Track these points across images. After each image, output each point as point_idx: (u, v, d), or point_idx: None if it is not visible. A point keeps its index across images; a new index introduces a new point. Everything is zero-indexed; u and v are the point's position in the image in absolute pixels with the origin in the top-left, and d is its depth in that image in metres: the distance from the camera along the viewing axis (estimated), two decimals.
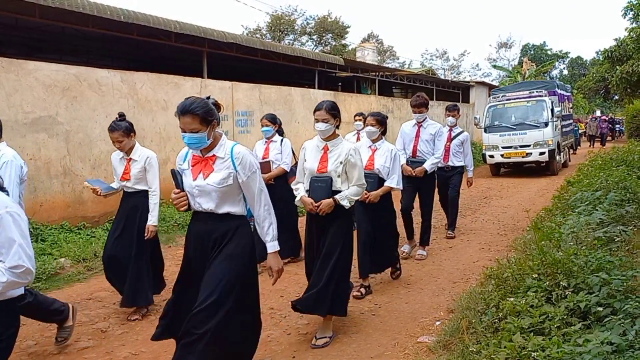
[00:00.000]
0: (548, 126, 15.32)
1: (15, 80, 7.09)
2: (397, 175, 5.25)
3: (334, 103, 4.20)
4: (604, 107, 48.99)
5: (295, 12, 43.52)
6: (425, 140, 6.52)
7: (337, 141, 4.20)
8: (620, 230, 4.95)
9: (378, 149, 5.33)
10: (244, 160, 3.07)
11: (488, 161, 16.48)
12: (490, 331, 3.41)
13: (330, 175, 4.13)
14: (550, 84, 18.19)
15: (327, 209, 4.06)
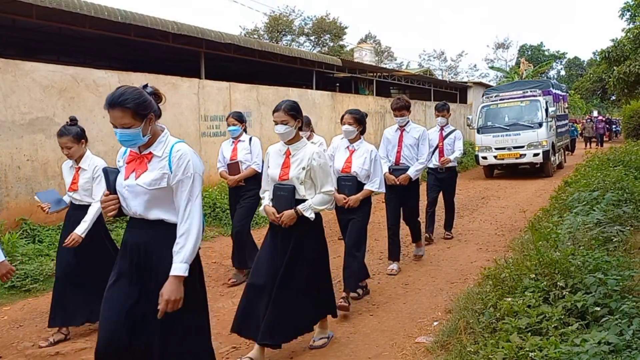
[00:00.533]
0: (542, 127, 14.97)
1: (12, 81, 7.07)
2: (379, 178, 4.90)
3: (295, 103, 3.86)
4: (601, 108, 49.08)
5: (293, 13, 43.68)
6: (409, 145, 6.08)
7: (300, 144, 3.85)
8: (617, 231, 4.96)
9: (356, 150, 4.94)
10: (181, 160, 2.65)
11: (481, 163, 16.03)
12: (488, 331, 3.41)
13: (293, 183, 3.77)
14: (544, 84, 17.81)
15: (288, 220, 3.72)
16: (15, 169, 7.06)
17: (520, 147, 15.07)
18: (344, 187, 4.84)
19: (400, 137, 6.12)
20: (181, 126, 9.64)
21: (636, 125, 24.43)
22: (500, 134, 15.38)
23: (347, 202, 4.76)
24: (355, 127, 4.92)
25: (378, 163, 4.93)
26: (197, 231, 2.62)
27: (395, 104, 6.07)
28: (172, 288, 2.52)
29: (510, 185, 14.12)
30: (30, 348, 4.16)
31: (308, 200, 3.78)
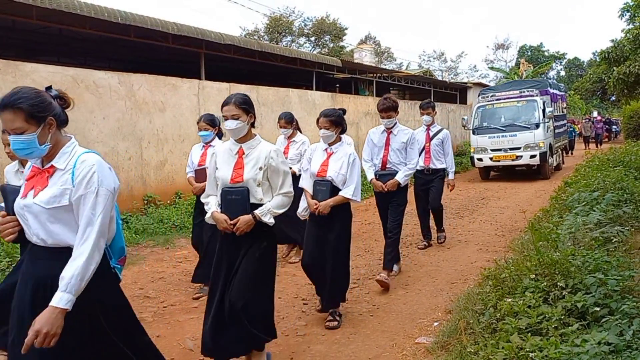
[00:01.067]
0: (539, 127, 14.58)
1: (13, 82, 7.07)
2: (354, 185, 4.45)
3: (246, 96, 3.52)
4: (601, 108, 49.10)
5: (293, 14, 43.66)
6: (396, 149, 5.60)
7: (254, 142, 3.51)
8: (617, 231, 4.96)
9: (334, 153, 4.54)
10: (84, 172, 2.23)
11: (476, 164, 15.63)
12: (488, 332, 3.42)
13: (247, 185, 3.39)
14: (542, 83, 17.37)
15: (246, 227, 3.32)
16: None
17: (516, 149, 14.74)
18: (318, 192, 4.46)
19: (387, 140, 5.65)
20: (181, 127, 9.64)
21: (636, 126, 24.44)
22: (496, 135, 15.03)
23: (317, 208, 4.36)
24: (333, 130, 4.50)
25: (356, 169, 4.50)
26: (90, 258, 2.17)
27: (382, 105, 5.57)
28: (48, 319, 2.08)
29: (510, 185, 14.12)
30: None
31: (266, 203, 3.40)
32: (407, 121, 17.86)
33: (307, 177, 4.64)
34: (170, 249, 7.46)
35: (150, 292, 5.59)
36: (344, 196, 4.42)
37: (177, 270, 6.41)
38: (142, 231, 7.95)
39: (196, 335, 4.31)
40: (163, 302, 5.24)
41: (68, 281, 2.12)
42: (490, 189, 13.61)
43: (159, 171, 9.12)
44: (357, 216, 9.92)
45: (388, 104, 5.53)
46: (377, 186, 5.56)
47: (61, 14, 8.14)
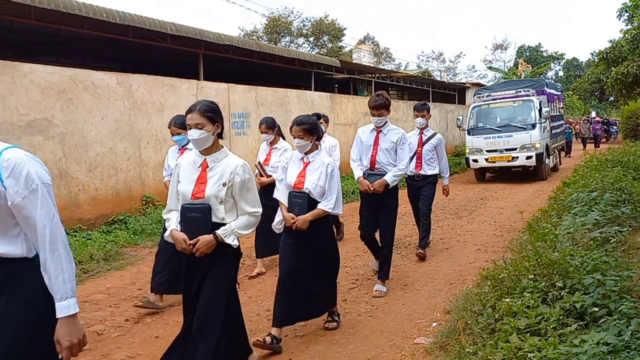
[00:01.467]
0: (535, 128, 14.32)
1: (11, 83, 7.07)
2: (334, 197, 4.13)
3: (213, 104, 3.20)
4: (599, 109, 49.18)
5: (292, 14, 43.67)
6: (385, 149, 5.29)
7: (220, 155, 3.19)
8: (616, 231, 4.96)
9: (311, 162, 4.21)
10: (16, 170, 1.95)
11: (472, 166, 15.32)
12: (487, 332, 3.42)
13: (209, 202, 3.09)
14: (538, 83, 17.00)
15: (206, 248, 3.05)
16: None
17: (512, 150, 14.47)
18: (294, 204, 4.13)
19: (376, 139, 5.34)
20: None
21: (634, 126, 24.49)
22: (492, 135, 14.76)
23: (295, 222, 4.04)
24: (308, 139, 4.17)
25: (335, 179, 4.19)
26: (68, 254, 2.03)
27: (374, 102, 5.23)
28: (68, 330, 2.02)
29: (508, 186, 14.13)
30: None
31: (230, 223, 3.11)
32: (406, 121, 17.87)
33: (282, 188, 4.30)
34: None
35: (149, 293, 5.57)
36: (323, 209, 4.11)
37: None
38: (141, 232, 7.94)
39: None
40: (161, 303, 5.23)
41: (65, 288, 2.01)
42: (489, 189, 13.62)
43: (158, 172, 9.11)
44: (355, 217, 9.91)
45: (380, 101, 5.21)
46: (364, 185, 5.24)
47: (59, 15, 8.13)
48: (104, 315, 4.89)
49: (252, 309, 4.96)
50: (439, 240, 7.71)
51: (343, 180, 13.79)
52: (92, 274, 6.26)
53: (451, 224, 8.93)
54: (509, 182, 14.91)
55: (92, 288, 5.78)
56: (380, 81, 19.24)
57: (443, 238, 7.86)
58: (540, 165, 14.54)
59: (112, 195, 8.33)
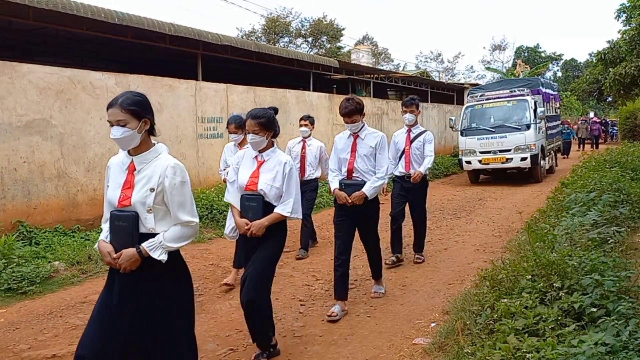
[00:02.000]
0: (530, 128, 13.92)
1: (9, 83, 7.06)
2: (292, 199, 3.69)
3: (139, 96, 2.77)
4: (597, 109, 49.24)
5: (290, 15, 43.69)
6: (363, 155, 4.85)
7: (149, 155, 2.74)
8: (614, 232, 4.97)
9: (266, 162, 3.76)
10: None
11: (465, 167, 14.95)
12: (485, 332, 3.42)
13: (135, 210, 2.67)
14: (533, 82, 16.53)
15: (128, 264, 2.62)
16: (11, 171, 7.04)
17: (506, 151, 14.06)
18: (247, 208, 3.71)
19: (354, 145, 4.88)
20: (178, 128, 9.64)
21: (632, 127, 24.53)
22: (485, 136, 14.35)
23: (250, 229, 3.62)
24: (263, 135, 3.72)
25: (293, 180, 3.74)
26: None
27: (344, 108, 4.73)
28: None
29: (506, 186, 14.14)
30: (26, 350, 4.14)
31: (159, 234, 2.67)
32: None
33: (233, 190, 3.85)
34: None
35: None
36: (280, 213, 3.67)
37: None
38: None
39: None
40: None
41: None
42: (487, 189, 13.64)
43: None
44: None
45: (351, 107, 4.72)
46: (340, 198, 4.78)
47: (58, 15, 8.12)
48: None
49: None
50: (438, 241, 7.71)
51: None
52: (90, 275, 6.25)
53: (449, 225, 8.94)
54: (507, 182, 14.89)
55: (91, 289, 5.77)
56: (379, 82, 19.24)
57: (441, 238, 7.86)
58: (536, 167, 14.22)
59: None
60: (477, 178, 15.48)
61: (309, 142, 7.11)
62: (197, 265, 6.67)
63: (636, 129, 24.15)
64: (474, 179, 15.37)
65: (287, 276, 6.09)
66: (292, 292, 5.47)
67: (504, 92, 15.39)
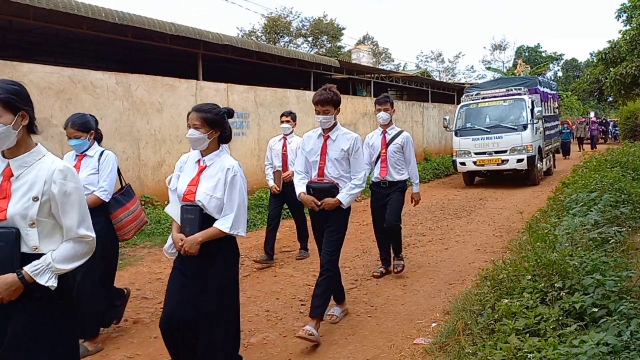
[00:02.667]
0: (527, 129, 13.45)
1: None
2: (234, 214, 3.03)
3: (14, 85, 2.21)
4: (598, 109, 49.24)
5: (291, 14, 43.71)
6: (334, 159, 4.30)
7: (31, 157, 2.23)
8: (615, 231, 4.96)
9: (208, 167, 3.15)
10: None
11: (459, 169, 14.45)
12: (486, 332, 3.42)
13: (14, 225, 2.15)
14: (531, 81, 15.85)
15: (6, 293, 2.10)
16: None
17: (502, 152, 13.56)
18: (186, 222, 3.12)
19: (324, 147, 4.33)
20: (179, 128, 9.63)
21: (633, 127, 24.51)
22: (481, 136, 13.85)
23: (182, 245, 3.04)
24: (205, 132, 3.10)
25: (237, 189, 3.08)
26: None
27: (318, 96, 4.21)
28: None
29: (507, 186, 14.12)
30: None
31: (46, 255, 2.18)
32: (405, 122, 17.88)
33: (174, 199, 3.25)
34: None
35: (148, 293, 5.58)
36: (219, 229, 3.03)
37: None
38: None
39: None
40: (160, 303, 5.21)
41: None
42: (488, 189, 13.63)
43: (157, 172, 9.11)
44: (354, 217, 9.92)
45: (326, 95, 4.19)
46: (308, 202, 4.32)
47: (58, 15, 8.12)
48: None
49: (251, 309, 4.96)
50: (438, 241, 7.71)
51: None
52: None
53: (450, 225, 8.93)
54: (504, 184, 14.77)
55: None
56: (379, 81, 19.23)
57: (442, 238, 7.86)
58: (532, 169, 13.67)
59: None
60: (472, 180, 15.04)
61: (290, 139, 6.70)
62: None
63: (637, 129, 24.12)
64: (469, 181, 14.90)
65: (287, 276, 6.09)
66: (292, 292, 5.46)
67: (500, 91, 14.86)
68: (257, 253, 7.18)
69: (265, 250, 6.68)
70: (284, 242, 7.93)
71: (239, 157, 11.04)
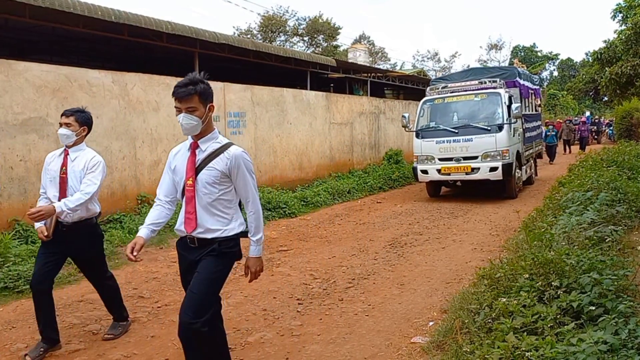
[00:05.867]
0: (503, 130, 10.95)
1: (5, 81, 7.03)
2: None
3: None
4: (593, 109, 49.43)
5: (287, 13, 43.65)
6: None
7: None
8: (611, 230, 4.98)
9: None
10: None
11: (420, 178, 11.76)
12: (484, 331, 3.42)
13: None
14: (509, 72, 13.05)
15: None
16: (7, 169, 7.02)
17: (472, 158, 11.08)
18: None
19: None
20: (175, 127, 9.60)
21: (628, 126, 24.59)
22: (446, 138, 11.32)
23: None
24: None
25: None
26: None
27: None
28: None
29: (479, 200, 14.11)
30: (23, 350, 4.12)
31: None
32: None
33: None
34: (164, 248, 7.43)
35: (145, 292, 5.56)
36: None
37: (171, 270, 6.39)
38: (136, 231, 7.83)
39: None
40: (157, 302, 5.22)
41: None
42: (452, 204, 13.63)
43: (153, 171, 9.09)
44: (351, 216, 9.93)
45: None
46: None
47: (55, 13, 8.08)
48: (100, 315, 4.86)
49: (248, 308, 4.96)
50: (435, 240, 7.72)
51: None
52: None
53: (447, 224, 8.94)
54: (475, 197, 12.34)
55: (88, 287, 5.73)
56: (376, 80, 19.24)
57: (439, 237, 7.87)
58: (509, 179, 11.22)
59: (107, 195, 8.29)
60: (438, 191, 12.57)
61: (75, 153, 4.19)
62: None
63: (632, 129, 24.22)
64: (433, 192, 12.39)
65: (284, 275, 6.09)
66: (289, 291, 5.46)
67: (472, 84, 12.16)
68: None
69: (43, 335, 4.04)
70: (281, 241, 7.93)
71: None
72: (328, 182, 13.30)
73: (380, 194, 13.00)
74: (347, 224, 9.13)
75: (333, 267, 6.38)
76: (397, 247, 7.30)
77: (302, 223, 9.30)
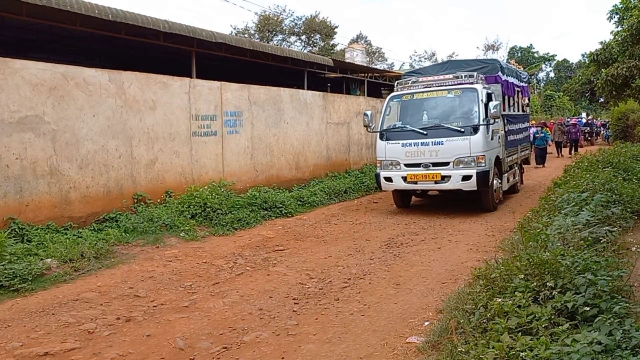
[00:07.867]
0: (479, 132, 9.49)
1: (1, 79, 7.01)
2: None
3: None
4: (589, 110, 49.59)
5: (284, 13, 43.62)
6: None
7: None
8: (606, 231, 5.00)
9: None
10: None
11: (384, 187, 10.30)
12: (479, 331, 3.43)
13: None
14: (489, 65, 11.40)
15: None
16: (3, 167, 7.00)
17: (442, 165, 9.61)
18: None
19: None
20: (172, 126, 9.59)
21: (624, 128, 24.68)
22: (414, 141, 9.83)
23: None
24: None
25: None
26: None
27: None
28: None
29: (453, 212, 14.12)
30: (18, 348, 4.12)
31: None
32: None
33: None
34: (161, 247, 7.42)
35: (140, 291, 5.56)
36: None
37: (167, 269, 6.39)
38: (132, 230, 7.90)
39: (186, 335, 4.30)
40: (153, 301, 5.22)
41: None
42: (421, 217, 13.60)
43: (149, 170, 9.07)
44: (347, 216, 9.94)
45: None
46: None
47: (51, 11, 8.06)
48: (95, 314, 4.86)
49: (244, 307, 4.96)
50: (431, 240, 7.73)
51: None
52: (83, 272, 6.22)
53: (443, 224, 8.96)
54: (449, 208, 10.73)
55: (83, 286, 5.75)
56: (373, 80, 19.26)
57: (435, 237, 7.88)
58: (486, 190, 9.78)
59: (103, 193, 8.28)
60: (407, 201, 11.14)
61: None
62: (190, 263, 6.66)
63: (628, 130, 24.30)
64: (401, 203, 10.91)
65: (280, 274, 6.09)
66: (285, 291, 5.46)
67: (447, 78, 10.57)
68: (250, 252, 7.18)
69: None
70: (277, 240, 7.93)
71: (232, 155, 11.03)
72: (325, 181, 13.31)
73: (377, 194, 13.00)
74: (344, 223, 9.14)
75: (329, 266, 6.39)
76: (393, 247, 7.31)
77: (298, 223, 9.31)
